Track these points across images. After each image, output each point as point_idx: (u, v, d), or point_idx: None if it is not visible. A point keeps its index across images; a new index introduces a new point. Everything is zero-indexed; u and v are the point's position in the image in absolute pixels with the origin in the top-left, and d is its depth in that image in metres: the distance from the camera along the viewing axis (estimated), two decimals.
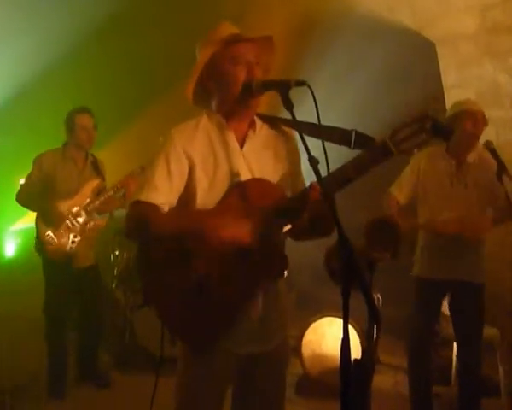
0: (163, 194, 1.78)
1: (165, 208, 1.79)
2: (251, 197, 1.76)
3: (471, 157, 3.10)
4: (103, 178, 3.85)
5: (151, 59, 5.52)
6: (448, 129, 1.73)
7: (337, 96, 5.09)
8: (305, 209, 1.73)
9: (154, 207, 1.76)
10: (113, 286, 4.24)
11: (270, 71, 1.94)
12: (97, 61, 5.42)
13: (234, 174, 1.81)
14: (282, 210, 1.74)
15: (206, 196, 1.79)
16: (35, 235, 3.70)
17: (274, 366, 1.92)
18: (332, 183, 1.65)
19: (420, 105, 5.13)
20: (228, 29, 1.85)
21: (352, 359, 1.44)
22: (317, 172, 1.58)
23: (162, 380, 1.89)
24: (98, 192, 3.76)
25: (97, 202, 3.70)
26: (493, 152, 2.90)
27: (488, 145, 2.93)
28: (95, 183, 3.76)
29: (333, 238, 1.59)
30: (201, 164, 1.80)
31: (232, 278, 1.73)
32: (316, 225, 1.79)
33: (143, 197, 1.78)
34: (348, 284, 1.49)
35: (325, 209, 1.60)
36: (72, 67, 5.21)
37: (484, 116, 3.05)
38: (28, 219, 5.33)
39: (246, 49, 1.79)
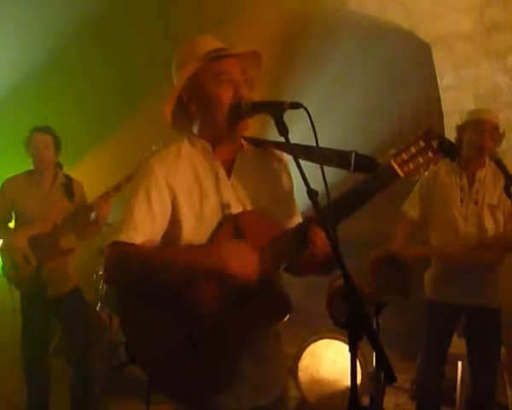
0: (145, 233, 1.56)
1: None
2: (245, 235, 1.56)
3: (482, 171, 2.88)
4: (74, 201, 3.43)
5: (131, 67, 5.25)
6: (454, 146, 1.57)
7: (333, 106, 4.90)
8: (302, 249, 1.55)
9: (138, 248, 1.54)
10: (97, 309, 4.00)
11: (255, 86, 1.74)
12: (71, 71, 5.14)
13: (223, 206, 1.61)
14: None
15: (192, 233, 1.59)
16: (0, 264, 3.39)
17: None
18: (334, 215, 1.48)
19: (414, 108, 4.98)
20: (210, 43, 1.63)
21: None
22: (316, 207, 1.42)
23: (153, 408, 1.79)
24: (71, 216, 3.34)
25: (66, 227, 3.32)
26: (499, 163, 2.69)
27: (493, 156, 2.73)
28: (62, 206, 3.36)
29: None
30: (186, 197, 1.60)
31: (231, 322, 1.54)
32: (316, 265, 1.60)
33: (123, 237, 1.54)
34: (355, 339, 1.34)
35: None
36: (44, 79, 4.93)
37: (495, 127, 2.81)
38: None
39: (231, 65, 1.59)
